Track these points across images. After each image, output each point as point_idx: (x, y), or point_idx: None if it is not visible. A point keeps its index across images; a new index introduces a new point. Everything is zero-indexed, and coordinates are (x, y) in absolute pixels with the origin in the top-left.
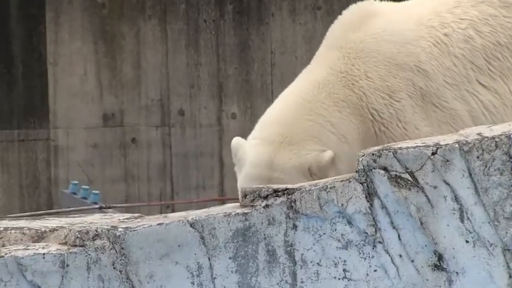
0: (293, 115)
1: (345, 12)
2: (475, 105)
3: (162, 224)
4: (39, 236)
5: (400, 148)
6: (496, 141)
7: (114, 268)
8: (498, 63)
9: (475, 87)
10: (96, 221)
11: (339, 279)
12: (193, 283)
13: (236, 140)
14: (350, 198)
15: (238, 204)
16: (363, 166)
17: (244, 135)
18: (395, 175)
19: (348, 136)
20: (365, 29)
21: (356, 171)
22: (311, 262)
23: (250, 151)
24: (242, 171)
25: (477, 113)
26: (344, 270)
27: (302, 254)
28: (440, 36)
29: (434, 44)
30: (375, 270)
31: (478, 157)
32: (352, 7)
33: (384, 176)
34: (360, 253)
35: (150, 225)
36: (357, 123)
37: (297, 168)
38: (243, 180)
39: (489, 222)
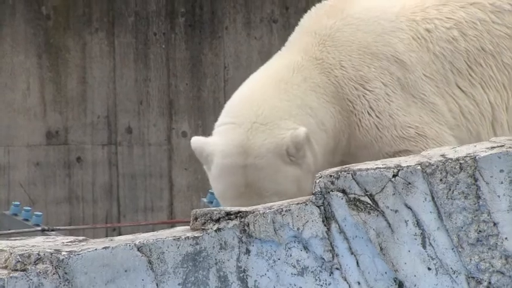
0: (266, 95)
1: (322, 1)
2: (452, 106)
3: (108, 247)
4: None
5: (360, 170)
6: (460, 163)
7: None
8: (480, 70)
9: (453, 90)
10: (39, 244)
11: None
12: None
13: (196, 139)
14: (306, 222)
15: (189, 227)
16: (320, 188)
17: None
18: (354, 198)
19: (326, 124)
20: (341, 17)
21: (313, 194)
22: None
23: (219, 140)
24: (214, 165)
25: (455, 115)
26: None
27: (255, 281)
28: (420, 31)
29: (413, 38)
30: None
31: (441, 180)
32: None
33: (342, 198)
34: (316, 280)
35: (95, 249)
36: (334, 113)
37: (273, 151)
38: (217, 175)
39: (452, 249)
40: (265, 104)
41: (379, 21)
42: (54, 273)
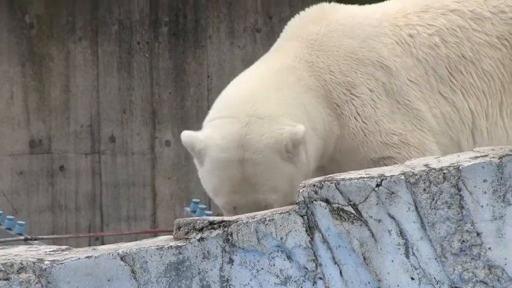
0: (262, 90)
1: (305, 9)
2: (436, 112)
3: (91, 257)
4: None
5: (343, 179)
6: (444, 173)
7: None
8: (460, 77)
9: (436, 96)
10: (21, 253)
11: None
12: None
13: (187, 133)
14: (289, 232)
15: (172, 236)
16: (304, 198)
17: (179, 164)
18: (338, 207)
19: (317, 127)
20: (326, 23)
21: (296, 203)
22: None
23: (214, 133)
24: (207, 159)
25: (439, 120)
26: None
27: None
28: (404, 36)
29: (397, 42)
30: None
31: (424, 189)
32: (313, 6)
33: (326, 208)
34: None
35: (78, 258)
36: (324, 116)
37: (271, 146)
38: (211, 169)
39: (436, 259)
40: (261, 100)
41: (362, 27)
42: (37, 283)
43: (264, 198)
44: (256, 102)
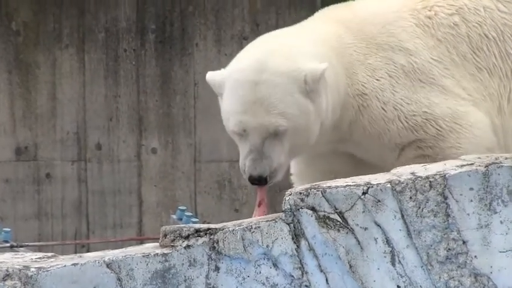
0: (295, 40)
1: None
2: (465, 84)
3: (77, 264)
4: None
5: (330, 187)
6: (430, 181)
7: None
8: (483, 56)
9: (461, 72)
10: (7, 260)
11: None
12: None
13: (210, 72)
14: (276, 239)
15: (158, 244)
16: (290, 205)
17: (165, 172)
18: (324, 215)
19: (340, 91)
20: (352, 10)
21: (282, 211)
22: None
23: (235, 62)
24: (226, 86)
25: (470, 92)
26: None
27: None
28: (422, 18)
29: (416, 25)
30: None
31: (411, 198)
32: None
33: (312, 216)
34: None
35: (64, 266)
36: (347, 88)
37: (291, 73)
38: (227, 94)
39: (422, 266)
40: (292, 44)
41: (383, 13)
42: None
43: (273, 122)
44: (286, 44)
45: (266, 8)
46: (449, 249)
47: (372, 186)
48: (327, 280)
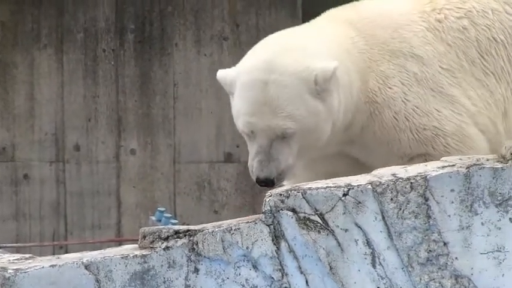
0: (307, 40)
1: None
2: (471, 94)
3: (55, 265)
4: None
5: (310, 188)
6: (411, 183)
7: None
8: (492, 60)
9: (469, 78)
10: None
11: None
12: None
13: (221, 71)
14: (256, 241)
15: (137, 245)
16: (270, 207)
17: (145, 173)
18: (304, 217)
19: (353, 94)
20: (359, 11)
21: (262, 213)
22: None
23: (244, 61)
24: (237, 86)
25: (475, 101)
26: None
27: None
28: (432, 22)
29: (427, 29)
30: None
31: (391, 199)
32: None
33: (292, 217)
34: None
35: (42, 267)
36: (360, 93)
37: (300, 74)
38: (237, 94)
39: (402, 268)
40: (304, 44)
41: (392, 16)
42: None
43: (281, 125)
44: (298, 42)
45: (246, 8)
46: (430, 250)
47: (353, 188)
48: (307, 282)
